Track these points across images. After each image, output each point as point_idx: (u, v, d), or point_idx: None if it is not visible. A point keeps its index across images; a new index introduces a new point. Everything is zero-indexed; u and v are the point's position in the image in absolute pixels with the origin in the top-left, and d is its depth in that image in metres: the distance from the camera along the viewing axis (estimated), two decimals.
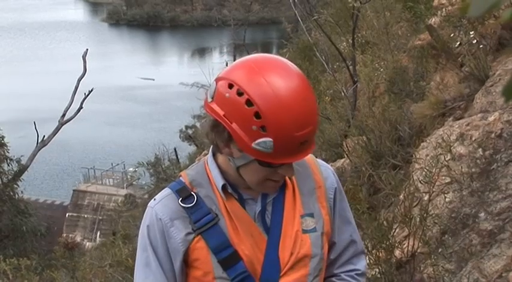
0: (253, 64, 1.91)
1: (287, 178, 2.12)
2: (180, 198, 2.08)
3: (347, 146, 7.21)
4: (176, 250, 2.08)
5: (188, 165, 21.52)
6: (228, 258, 2.05)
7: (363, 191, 6.00)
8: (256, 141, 1.85)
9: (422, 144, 5.76)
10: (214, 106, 1.92)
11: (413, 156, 5.69)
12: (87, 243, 31.69)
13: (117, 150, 41.27)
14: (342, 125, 8.27)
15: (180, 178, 2.17)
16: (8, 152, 24.53)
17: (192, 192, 2.09)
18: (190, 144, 29.03)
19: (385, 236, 4.62)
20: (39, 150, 25.34)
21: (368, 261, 4.60)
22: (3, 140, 24.44)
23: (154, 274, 2.11)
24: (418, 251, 4.70)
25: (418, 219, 4.58)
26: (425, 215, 4.52)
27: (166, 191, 2.15)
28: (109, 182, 35.92)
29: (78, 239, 32.16)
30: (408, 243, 4.69)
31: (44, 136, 24.72)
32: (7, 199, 24.63)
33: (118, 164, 36.34)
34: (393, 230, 4.75)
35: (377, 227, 4.70)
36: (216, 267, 2.06)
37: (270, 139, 1.84)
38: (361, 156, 6.71)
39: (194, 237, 2.06)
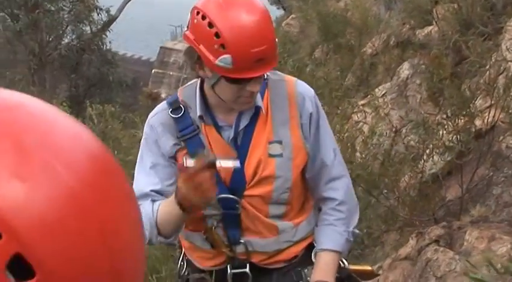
0: None
1: (263, 109, 2.41)
2: (170, 109, 2.43)
3: (436, 13, 7.00)
4: (167, 154, 2.45)
5: None
6: None
7: (448, 58, 5.85)
8: (219, 58, 2.16)
9: None
10: (188, 33, 2.25)
11: (505, 26, 5.48)
12: None
13: None
14: None
15: (176, 93, 2.51)
16: (97, 2, 24.86)
17: (181, 105, 2.44)
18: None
19: (467, 103, 4.54)
20: (128, 0, 25.60)
21: (446, 128, 4.57)
22: None
23: (156, 172, 2.46)
24: (499, 122, 4.61)
25: (502, 90, 4.46)
26: (510, 84, 4.40)
27: (163, 105, 2.50)
28: None
29: (163, 95, 32.73)
30: (489, 113, 4.60)
31: None
32: (95, 49, 25.25)
33: None
34: (475, 99, 4.66)
35: (459, 94, 4.63)
36: None
37: (229, 55, 2.15)
38: (450, 24, 6.51)
39: (179, 144, 2.43)
